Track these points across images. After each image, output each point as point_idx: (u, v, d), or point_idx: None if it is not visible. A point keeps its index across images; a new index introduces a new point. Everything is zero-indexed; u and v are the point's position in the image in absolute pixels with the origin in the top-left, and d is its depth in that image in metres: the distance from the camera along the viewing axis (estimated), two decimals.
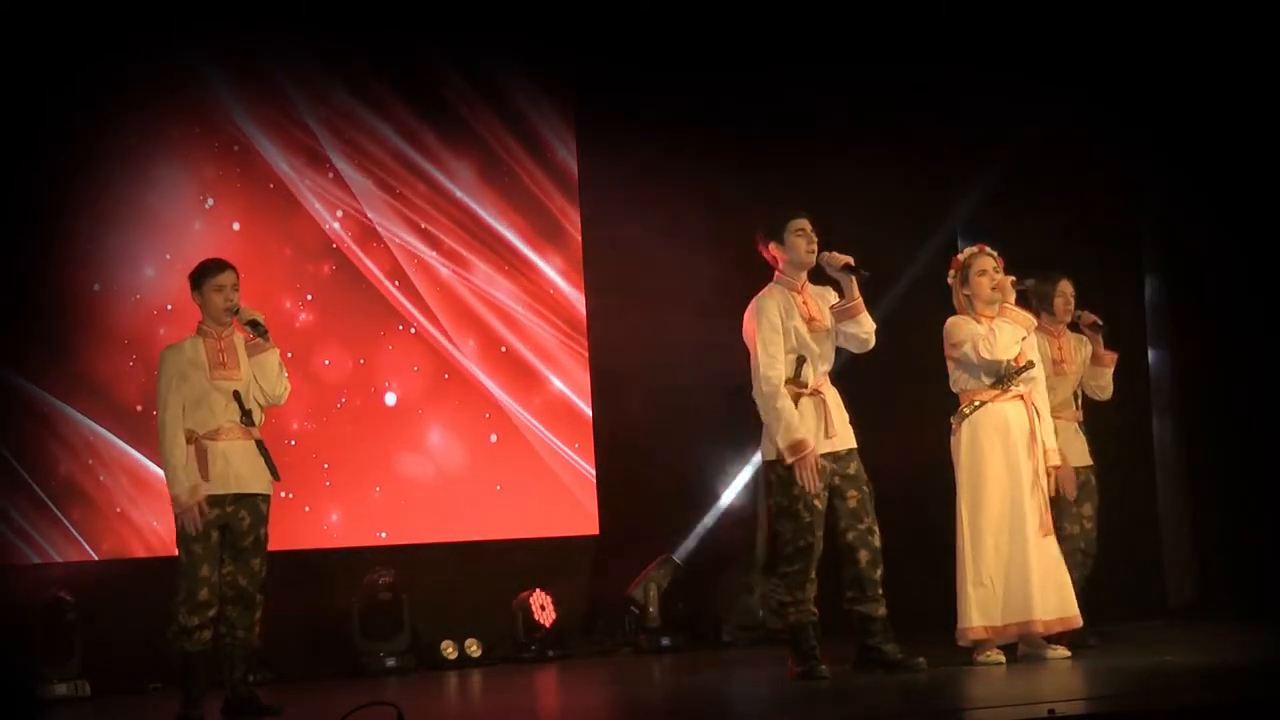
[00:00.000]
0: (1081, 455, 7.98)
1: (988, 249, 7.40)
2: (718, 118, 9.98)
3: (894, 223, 9.38)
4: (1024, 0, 9.20)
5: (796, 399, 6.96)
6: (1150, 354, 9.72)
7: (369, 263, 9.61)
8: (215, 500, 6.77)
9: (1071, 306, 8.04)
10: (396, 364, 9.65)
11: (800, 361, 6.97)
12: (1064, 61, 9.21)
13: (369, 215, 9.62)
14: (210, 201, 9.26)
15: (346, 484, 9.46)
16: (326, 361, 9.46)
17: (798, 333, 6.97)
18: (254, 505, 6.86)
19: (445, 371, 9.76)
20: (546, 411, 9.96)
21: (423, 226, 9.75)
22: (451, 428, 9.75)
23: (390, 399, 9.62)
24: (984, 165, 9.62)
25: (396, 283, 9.65)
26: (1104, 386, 8.17)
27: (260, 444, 6.89)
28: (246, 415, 6.85)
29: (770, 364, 6.91)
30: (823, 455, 6.94)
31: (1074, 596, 7.21)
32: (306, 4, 9.37)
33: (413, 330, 9.68)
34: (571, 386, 10.04)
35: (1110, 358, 8.11)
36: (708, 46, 9.69)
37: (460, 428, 9.77)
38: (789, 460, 6.88)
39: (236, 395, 6.84)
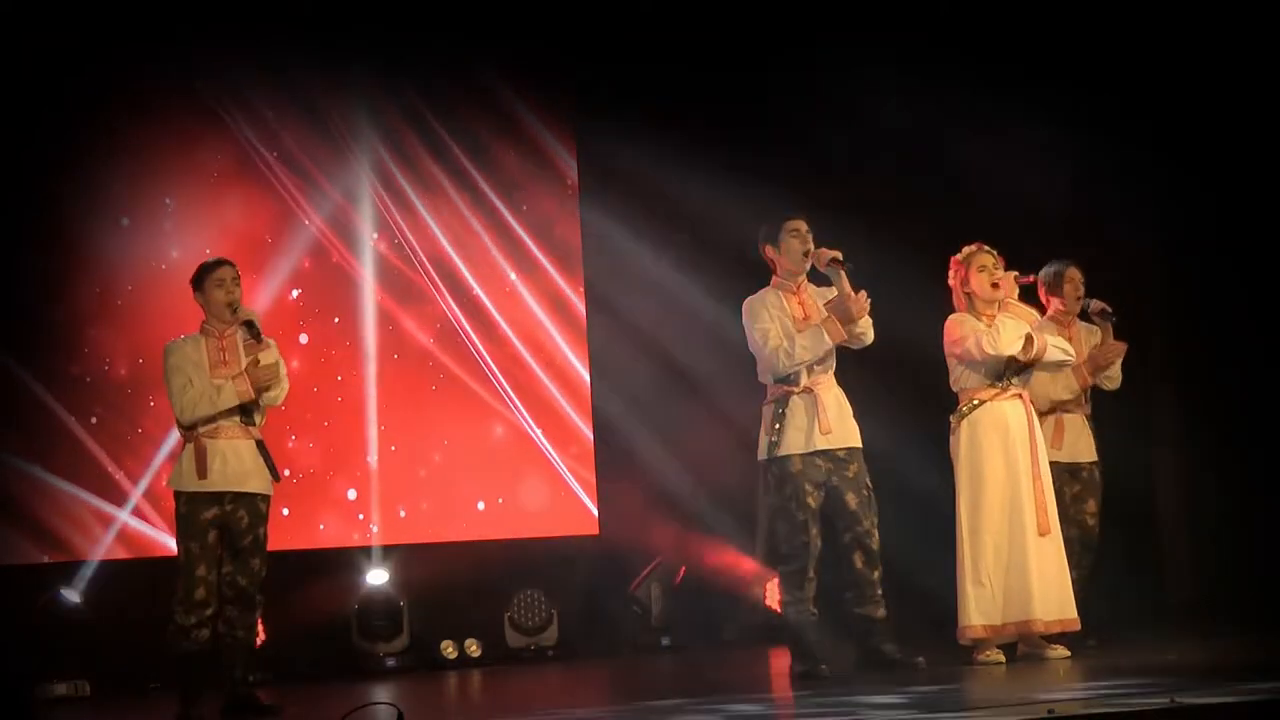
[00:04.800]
0: (1089, 450, 7.87)
1: (985, 246, 7.35)
2: (718, 120, 9.97)
3: (895, 222, 9.37)
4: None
5: (786, 397, 6.96)
6: (1149, 351, 9.69)
7: (367, 262, 9.62)
8: (213, 498, 6.75)
9: (1081, 294, 7.88)
10: (397, 365, 9.65)
11: None
12: (1066, 59, 9.21)
13: (367, 216, 9.65)
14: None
15: (347, 484, 9.46)
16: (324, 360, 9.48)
17: (786, 331, 6.96)
18: (252, 505, 6.83)
19: (446, 372, 9.75)
20: (547, 411, 9.96)
21: (421, 226, 9.75)
22: (452, 428, 9.74)
23: (391, 400, 9.62)
24: (985, 162, 9.61)
25: (394, 284, 9.67)
26: (1112, 377, 7.94)
27: (261, 444, 6.87)
28: (246, 415, 6.84)
29: (769, 341, 6.89)
30: (819, 454, 6.94)
31: (1073, 599, 7.20)
32: (307, 6, 9.37)
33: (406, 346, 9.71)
34: (571, 386, 10.03)
35: (1118, 349, 7.90)
36: (708, 49, 9.68)
37: (460, 428, 9.76)
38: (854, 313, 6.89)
39: None
